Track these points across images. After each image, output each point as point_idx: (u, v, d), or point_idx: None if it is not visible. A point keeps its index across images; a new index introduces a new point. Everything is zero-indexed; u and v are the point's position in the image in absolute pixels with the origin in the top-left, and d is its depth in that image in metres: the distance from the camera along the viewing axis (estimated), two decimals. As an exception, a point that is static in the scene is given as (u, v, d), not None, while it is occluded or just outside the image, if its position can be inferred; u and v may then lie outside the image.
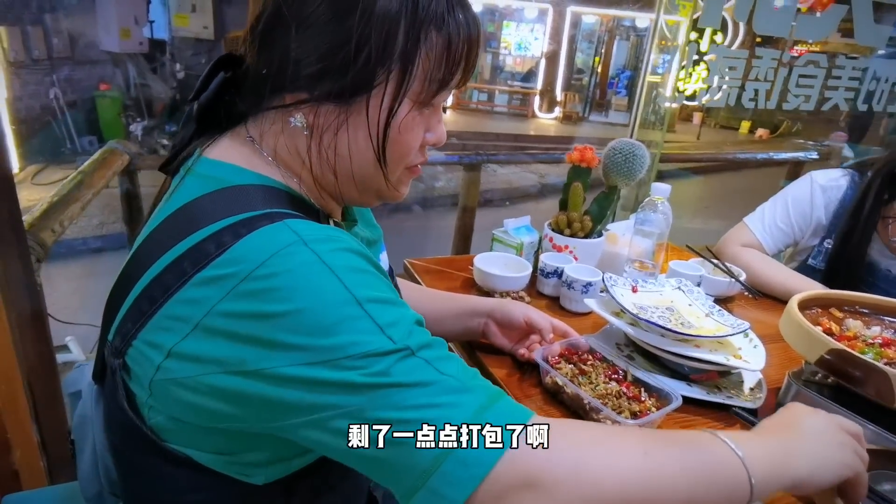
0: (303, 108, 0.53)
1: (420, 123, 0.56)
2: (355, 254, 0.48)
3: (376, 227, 0.79)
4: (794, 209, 1.28)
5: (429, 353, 0.44)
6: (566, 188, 1.17)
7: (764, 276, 1.22)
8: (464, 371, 0.46)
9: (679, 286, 0.98)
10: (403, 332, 0.44)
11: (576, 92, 11.96)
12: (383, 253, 0.78)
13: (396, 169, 0.58)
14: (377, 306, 0.45)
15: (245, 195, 0.51)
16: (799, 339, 0.75)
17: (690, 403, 0.82)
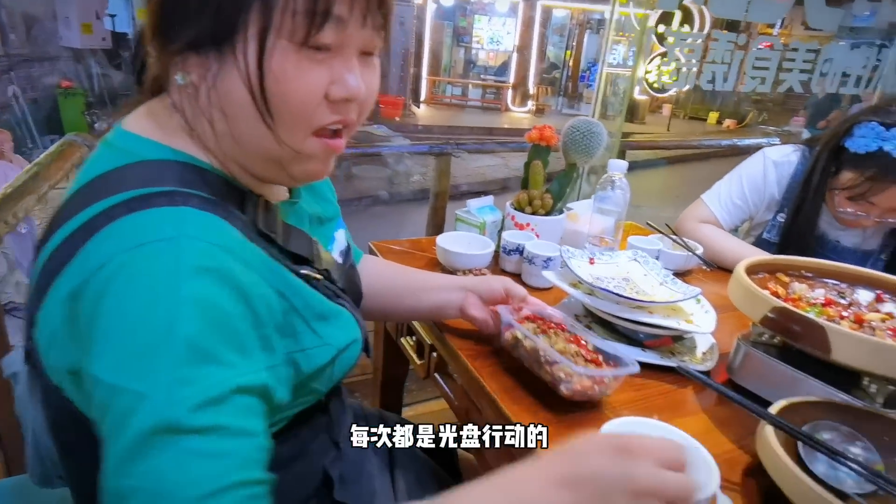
0: (176, 61, 0.48)
1: (309, 70, 0.48)
2: (218, 277, 0.42)
3: (331, 204, 0.76)
4: (749, 185, 1.32)
5: (191, 442, 0.38)
6: (527, 167, 1.19)
7: (719, 249, 1.25)
8: (215, 477, 0.39)
9: (634, 257, 1.00)
10: (190, 398, 0.38)
11: (548, 85, 12.04)
12: (340, 231, 0.76)
13: (294, 131, 0.50)
14: (190, 353, 0.39)
15: (150, 170, 0.48)
16: (745, 301, 0.77)
17: (645, 368, 0.84)
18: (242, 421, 0.42)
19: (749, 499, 0.62)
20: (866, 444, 0.65)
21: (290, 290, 0.52)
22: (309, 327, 0.54)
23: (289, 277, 0.52)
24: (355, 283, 0.74)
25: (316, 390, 0.59)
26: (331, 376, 0.59)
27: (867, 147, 1.05)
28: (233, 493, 0.39)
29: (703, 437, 0.70)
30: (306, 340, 0.54)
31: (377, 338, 1.31)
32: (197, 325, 0.40)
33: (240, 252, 0.46)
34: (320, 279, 0.59)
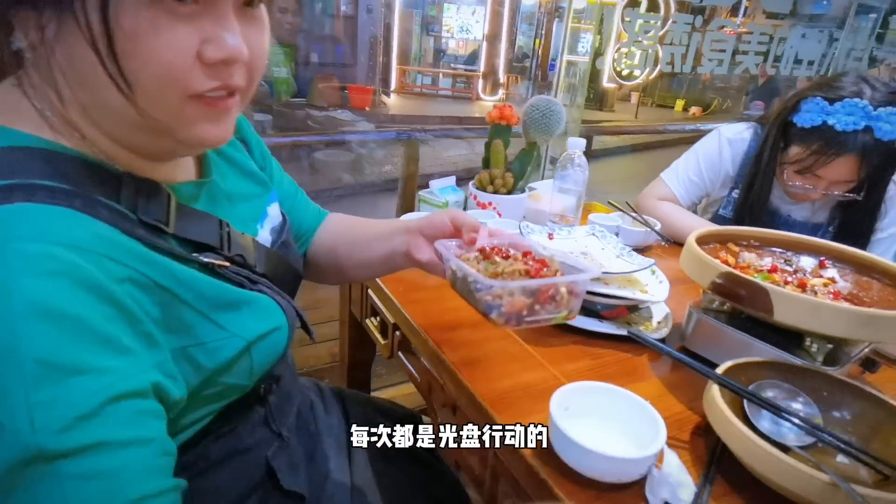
0: (8, 20, 0.40)
1: (170, 28, 0.40)
2: (66, 278, 0.37)
3: (259, 177, 0.68)
4: (705, 162, 1.35)
5: (68, 466, 0.35)
6: (487, 146, 1.19)
7: (677, 225, 1.28)
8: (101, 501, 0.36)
9: (592, 232, 1.02)
10: (57, 420, 0.35)
11: (518, 74, 12.08)
12: (273, 205, 0.69)
13: (162, 98, 0.42)
14: (44, 373, 0.35)
15: None
16: (695, 268, 0.80)
17: (602, 338, 0.86)
18: (128, 430, 0.38)
19: (696, 454, 0.64)
20: (806, 399, 0.68)
21: (173, 281, 0.46)
22: (206, 319, 0.49)
23: (173, 268, 0.46)
24: (288, 262, 0.67)
25: (235, 385, 0.54)
26: (250, 369, 0.53)
27: (812, 122, 1.09)
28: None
29: (656, 401, 0.73)
30: (204, 334, 0.49)
31: (342, 323, 1.31)
32: (44, 340, 0.36)
33: (93, 247, 0.40)
34: (227, 266, 0.54)
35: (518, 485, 0.66)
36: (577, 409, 0.65)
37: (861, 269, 0.86)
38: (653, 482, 0.56)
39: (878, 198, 1.17)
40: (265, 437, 0.64)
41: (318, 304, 2.12)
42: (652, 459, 0.56)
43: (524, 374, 0.76)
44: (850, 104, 1.04)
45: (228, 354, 0.50)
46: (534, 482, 0.61)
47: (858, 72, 1.11)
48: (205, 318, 0.48)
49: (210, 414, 0.54)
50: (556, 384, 0.74)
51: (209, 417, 0.54)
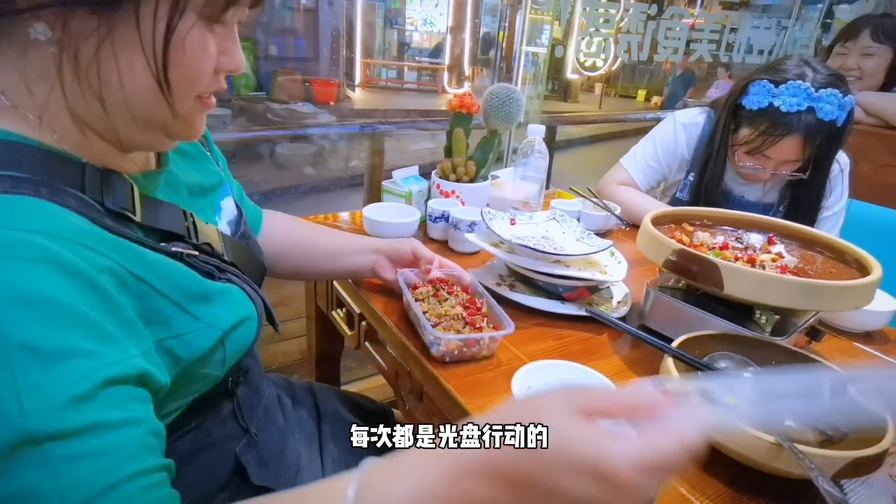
0: (44, 13, 0.41)
1: (211, 43, 0.47)
2: (45, 264, 0.37)
3: (214, 171, 0.68)
4: (661, 147, 1.39)
5: (61, 448, 0.34)
6: (449, 135, 1.20)
7: (635, 208, 1.32)
8: (97, 478, 0.36)
9: (553, 217, 1.03)
10: (46, 403, 0.34)
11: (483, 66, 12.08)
12: (227, 199, 0.69)
13: (185, 99, 0.48)
14: (29, 356, 0.35)
15: None
16: (650, 247, 0.82)
17: (565, 319, 0.88)
18: (121, 411, 0.38)
19: (655, 426, 0.67)
20: (756, 369, 0.71)
21: (148, 271, 0.46)
22: (182, 310, 0.49)
23: (147, 257, 0.46)
24: (252, 253, 0.68)
25: (208, 376, 0.54)
26: (223, 359, 0.54)
27: (759, 103, 1.13)
28: (126, 486, 0.36)
29: (616, 376, 0.75)
30: (181, 325, 0.48)
31: (308, 318, 1.30)
32: (29, 325, 0.35)
33: (68, 235, 0.40)
34: (196, 255, 0.54)
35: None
36: (540, 388, 0.66)
37: (806, 243, 0.90)
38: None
39: (822, 177, 1.22)
40: (233, 432, 0.64)
41: (285, 300, 2.10)
42: (610, 431, 0.58)
43: (492, 359, 0.77)
44: (793, 86, 1.09)
45: (205, 345, 0.50)
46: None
47: (801, 55, 1.15)
48: (181, 309, 0.48)
49: (179, 408, 0.53)
50: (520, 365, 0.76)
51: (178, 411, 0.53)
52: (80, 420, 0.36)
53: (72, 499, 0.35)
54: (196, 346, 0.50)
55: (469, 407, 0.67)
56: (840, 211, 1.30)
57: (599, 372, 0.68)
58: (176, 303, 0.48)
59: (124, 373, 0.39)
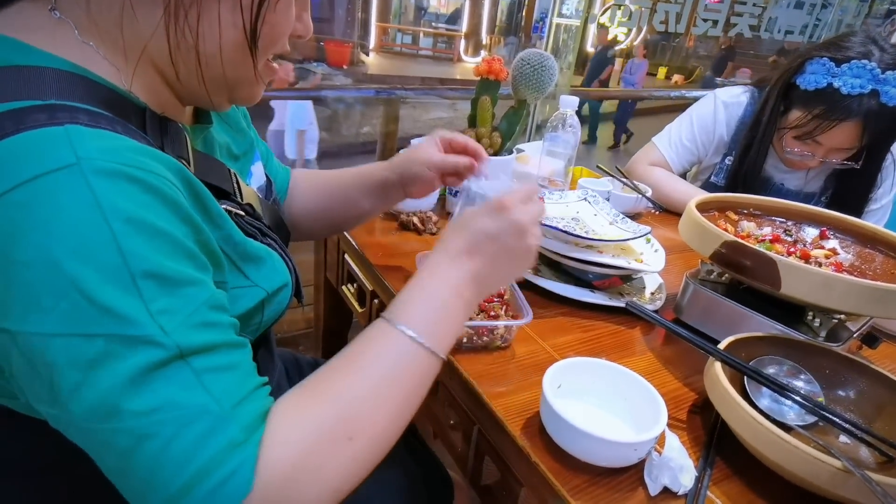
0: None
1: (292, 6, 0.48)
2: (153, 195, 0.37)
3: (246, 135, 0.67)
4: (699, 126, 1.30)
5: (202, 361, 0.37)
6: (474, 103, 1.11)
7: (668, 191, 1.24)
8: (237, 387, 0.39)
9: (585, 197, 0.96)
10: (180, 323, 0.37)
11: (501, 35, 11.77)
12: (257, 164, 0.67)
13: (265, 56, 0.49)
14: (155, 284, 0.36)
15: (23, 78, 0.38)
16: (696, 236, 0.75)
17: (594, 309, 0.81)
18: (235, 333, 0.42)
19: (694, 434, 0.61)
20: (809, 377, 0.64)
21: (211, 220, 0.45)
22: (234, 265, 0.48)
23: (211, 206, 0.45)
24: (282, 220, 0.67)
25: None
26: (259, 323, 0.53)
27: (817, 84, 1.03)
28: (259, 393, 0.41)
29: (651, 377, 0.69)
30: (231, 279, 0.48)
31: (317, 289, 1.24)
32: (148, 254, 0.36)
33: (156, 169, 0.39)
34: (243, 215, 0.53)
35: (505, 465, 0.62)
36: (571, 387, 0.60)
37: (863, 239, 0.82)
38: (652, 467, 0.52)
39: (875, 167, 1.14)
40: None
41: (292, 268, 2.05)
42: (653, 443, 0.52)
43: (512, 347, 0.71)
44: (857, 66, 0.99)
45: (248, 304, 0.49)
46: (524, 464, 0.56)
47: (867, 31, 1.05)
48: (233, 264, 0.48)
49: None
50: (545, 358, 0.70)
51: None
52: (214, 338, 0.38)
53: (226, 402, 0.37)
54: (241, 304, 0.49)
55: (486, 396, 0.61)
56: (888, 204, 1.21)
57: (633, 370, 0.61)
58: (229, 257, 0.48)
59: (222, 300, 0.42)
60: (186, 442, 0.35)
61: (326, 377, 0.44)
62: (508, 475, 0.62)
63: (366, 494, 0.71)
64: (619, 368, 0.60)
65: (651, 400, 0.56)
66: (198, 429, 0.36)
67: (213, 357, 0.38)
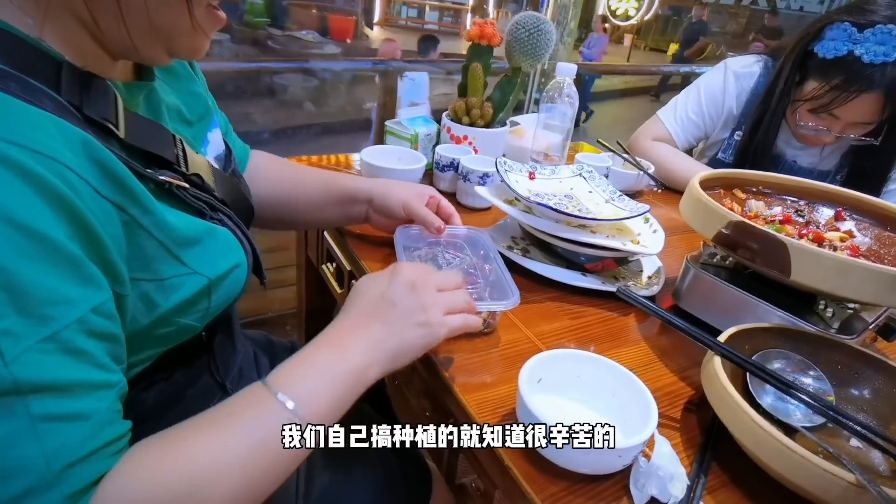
0: None
1: None
2: (28, 183, 0.31)
3: (202, 98, 0.60)
4: (707, 98, 1.21)
5: (44, 404, 0.32)
6: (464, 70, 1.03)
7: (671, 168, 1.16)
8: (78, 444, 0.33)
9: (580, 172, 0.89)
10: (26, 349, 0.31)
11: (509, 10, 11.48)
12: (215, 131, 0.61)
13: (200, 4, 0.43)
14: (9, 300, 0.30)
15: None
16: (698, 216, 0.68)
17: (585, 294, 0.75)
18: (100, 371, 0.35)
19: (689, 435, 0.55)
20: (818, 373, 0.58)
21: (134, 202, 0.40)
22: (168, 252, 0.43)
23: (133, 186, 0.39)
24: (242, 194, 0.60)
25: (187, 327, 0.48)
26: (206, 309, 0.48)
27: (836, 51, 0.94)
28: (102, 452, 0.35)
29: (643, 370, 0.63)
30: (163, 269, 0.43)
31: (299, 267, 1.18)
32: (8, 257, 0.30)
33: (48, 151, 0.33)
34: (186, 187, 0.47)
35: (479, 465, 0.56)
36: (553, 382, 0.54)
37: (882, 221, 0.75)
38: (639, 474, 0.46)
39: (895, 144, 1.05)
40: (207, 388, 0.58)
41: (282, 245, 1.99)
42: (640, 448, 0.46)
43: (492, 336, 0.65)
44: (882, 31, 0.90)
45: (187, 293, 0.45)
46: (497, 467, 0.51)
47: (896, -7, 0.95)
48: (166, 250, 0.43)
49: (149, 359, 0.47)
50: (529, 348, 0.64)
51: (146, 363, 0.47)
52: (68, 375, 0.33)
53: (56, 463, 0.32)
54: (177, 293, 0.44)
55: (460, 389, 0.56)
56: (908, 185, 1.13)
57: (625, 364, 0.55)
58: (161, 243, 0.42)
59: (103, 324, 0.36)
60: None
61: (188, 435, 0.39)
62: (483, 476, 0.56)
63: (337, 489, 0.66)
64: (606, 362, 0.54)
65: (641, 398, 0.50)
66: (12, 488, 0.30)
67: (60, 401, 0.32)
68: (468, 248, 0.72)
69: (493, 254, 0.70)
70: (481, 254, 0.71)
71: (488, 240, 0.72)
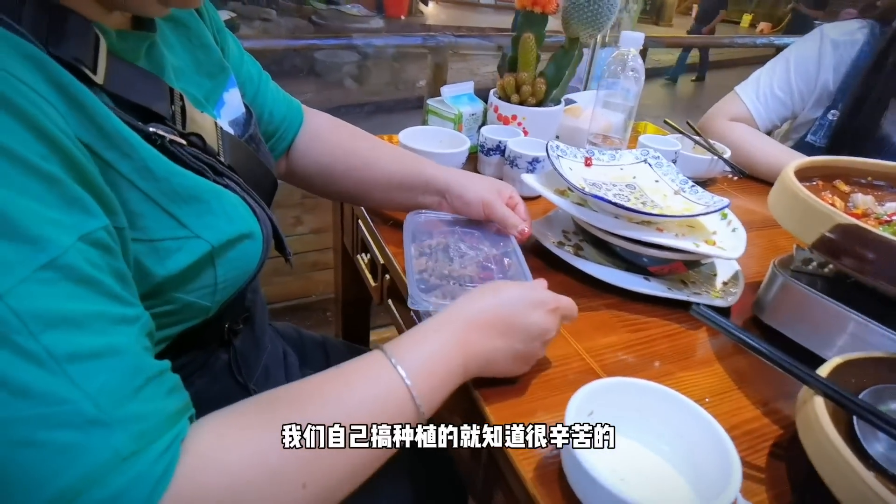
0: None
1: None
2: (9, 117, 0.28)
3: (214, 52, 0.54)
4: (797, 71, 1.05)
5: (61, 342, 0.28)
6: (514, 41, 0.93)
7: (752, 152, 1.02)
8: (119, 385, 0.29)
9: (644, 158, 0.77)
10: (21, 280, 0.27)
11: (569, -19, 11.02)
12: (232, 91, 0.55)
13: None
14: None
15: None
16: (794, 215, 0.56)
17: (649, 302, 0.64)
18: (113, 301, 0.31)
19: (777, 491, 0.44)
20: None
21: (109, 143, 0.35)
22: (157, 206, 0.38)
23: (106, 123, 0.34)
24: (260, 163, 0.54)
25: (193, 305, 0.42)
26: (213, 285, 0.42)
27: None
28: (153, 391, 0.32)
29: (718, 401, 0.52)
30: (155, 227, 0.38)
31: (335, 252, 1.13)
32: None
33: (8, 67, 0.29)
34: (183, 144, 0.41)
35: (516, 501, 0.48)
36: (607, 415, 0.45)
37: None
38: (714, 549, 0.37)
39: None
40: (227, 391, 0.54)
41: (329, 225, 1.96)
42: (718, 517, 0.37)
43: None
44: None
45: (187, 260, 0.39)
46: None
47: None
48: (155, 204, 0.37)
49: (158, 346, 0.42)
50: (580, 367, 0.55)
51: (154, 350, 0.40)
52: (73, 306, 0.29)
53: (105, 401, 0.28)
54: (175, 259, 0.39)
55: (494, 417, 0.48)
56: None
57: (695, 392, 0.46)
58: (147, 195, 0.37)
59: (105, 254, 0.31)
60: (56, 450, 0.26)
61: (294, 397, 0.37)
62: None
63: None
64: (673, 395, 0.44)
65: (717, 444, 0.41)
66: (64, 437, 0.27)
67: (79, 336, 0.28)
68: (486, 240, 0.65)
69: (512, 246, 0.63)
70: (501, 245, 0.64)
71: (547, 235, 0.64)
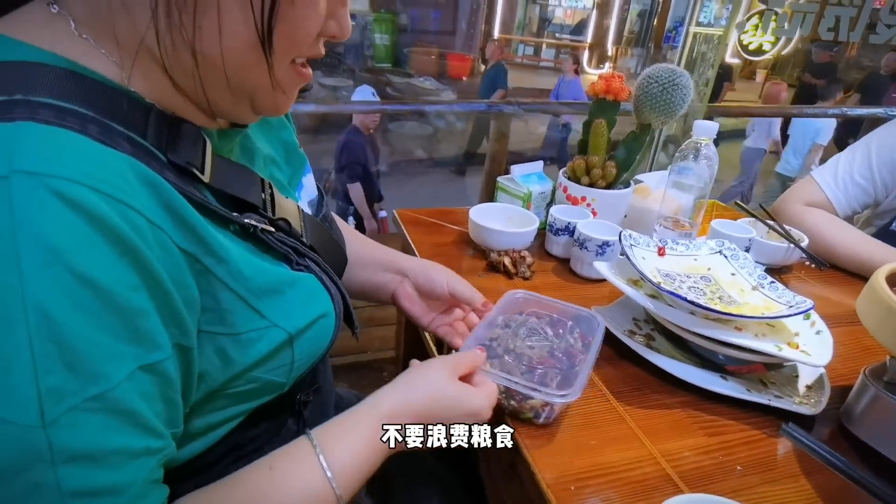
0: None
1: (322, 2, 0.41)
2: (94, 227, 0.30)
3: (293, 143, 0.59)
4: (880, 156, 1.02)
5: (75, 478, 0.30)
6: (587, 126, 0.96)
7: (832, 241, 0.98)
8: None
9: (720, 249, 0.76)
10: (69, 408, 0.30)
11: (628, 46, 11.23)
12: (308, 176, 0.60)
13: (284, 59, 0.41)
14: (57, 352, 0.29)
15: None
16: (886, 328, 0.54)
17: (726, 402, 0.62)
18: (143, 435, 0.34)
19: None
20: None
21: (208, 251, 0.38)
22: (245, 304, 0.41)
23: (206, 234, 0.38)
24: (334, 240, 0.58)
25: (270, 383, 0.45)
26: (290, 364, 0.45)
27: None
28: None
29: (807, 525, 0.50)
30: (240, 322, 0.41)
31: (398, 322, 1.16)
32: (62, 312, 0.29)
33: (114, 191, 0.32)
34: (272, 231, 0.45)
35: None
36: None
37: None
38: None
39: None
40: None
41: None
42: None
43: (607, 449, 0.55)
44: None
45: (266, 348, 0.42)
46: None
47: None
48: (244, 303, 0.41)
49: (231, 419, 0.45)
50: (654, 471, 0.53)
51: (229, 424, 0.45)
52: (102, 442, 0.31)
53: None
54: (255, 348, 0.42)
55: None
56: None
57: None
58: (237, 293, 0.40)
59: (158, 384, 0.34)
60: None
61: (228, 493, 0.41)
62: None
63: None
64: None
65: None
66: None
67: (94, 472, 0.31)
68: (575, 332, 0.65)
69: (595, 347, 0.61)
70: (585, 343, 0.63)
71: (601, 326, 0.63)
